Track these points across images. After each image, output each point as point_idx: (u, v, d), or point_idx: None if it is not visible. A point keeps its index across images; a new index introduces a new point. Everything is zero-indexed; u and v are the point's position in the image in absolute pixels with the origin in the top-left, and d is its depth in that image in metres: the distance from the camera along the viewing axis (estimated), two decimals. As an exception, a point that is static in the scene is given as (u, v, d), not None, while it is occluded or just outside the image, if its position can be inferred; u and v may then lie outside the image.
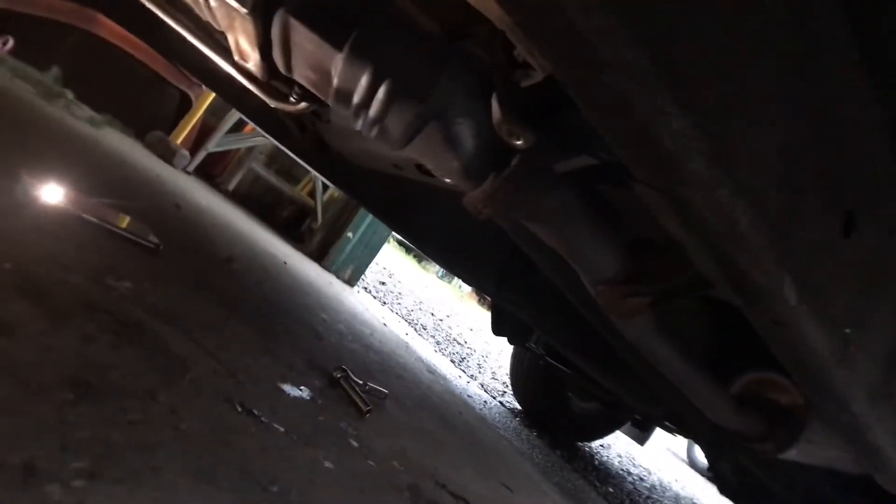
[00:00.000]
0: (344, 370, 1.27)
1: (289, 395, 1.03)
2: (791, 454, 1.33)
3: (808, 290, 0.68)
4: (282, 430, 0.86)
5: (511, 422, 3.00)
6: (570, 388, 3.48)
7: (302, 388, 1.09)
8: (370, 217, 3.63)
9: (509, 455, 2.05)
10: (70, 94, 2.57)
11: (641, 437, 4.40)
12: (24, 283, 0.75)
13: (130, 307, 0.90)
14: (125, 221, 1.30)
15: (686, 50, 0.46)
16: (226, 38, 0.88)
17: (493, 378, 4.02)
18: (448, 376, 2.84)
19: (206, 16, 0.84)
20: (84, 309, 0.79)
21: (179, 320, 0.98)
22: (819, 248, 0.66)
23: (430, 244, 2.02)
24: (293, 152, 2.92)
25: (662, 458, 6.66)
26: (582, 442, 3.73)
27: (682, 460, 8.14)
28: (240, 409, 0.83)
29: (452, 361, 3.53)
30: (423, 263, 13.20)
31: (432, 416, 1.70)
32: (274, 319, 1.48)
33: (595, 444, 4.00)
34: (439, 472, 1.20)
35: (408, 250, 13.06)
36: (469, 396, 2.77)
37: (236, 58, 0.90)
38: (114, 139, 2.62)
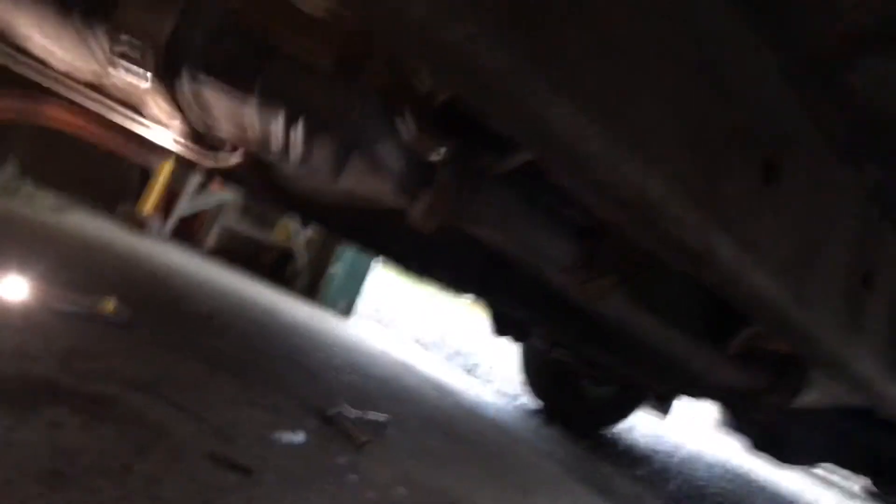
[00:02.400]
0: (338, 405, 1.27)
1: (280, 441, 1.03)
2: (803, 400, 1.34)
3: (745, 244, 0.69)
4: (272, 478, 0.86)
5: (529, 422, 2.99)
6: (582, 376, 3.48)
7: (295, 432, 1.09)
8: (351, 248, 3.64)
9: (528, 456, 2.05)
10: (29, 186, 2.58)
11: (662, 410, 4.39)
12: (-13, 383, 0.75)
13: (102, 385, 0.91)
14: (94, 302, 1.31)
15: (557, 42, 0.47)
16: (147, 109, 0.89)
17: (506, 381, 4.01)
18: (458, 389, 2.84)
19: (119, 93, 0.86)
20: (52, 396, 0.79)
21: (157, 387, 0.99)
22: (744, 200, 0.67)
23: (408, 261, 2.03)
24: (259, 199, 2.93)
25: (691, 427, 6.64)
26: (604, 429, 3.71)
27: (713, 425, 8.11)
28: (226, 466, 0.83)
29: (462, 372, 3.53)
30: (416, 280, 13.16)
31: (439, 433, 1.70)
32: (264, 368, 1.48)
33: (618, 428, 3.99)
34: (448, 489, 1.20)
35: (389, 264, 13.00)
36: (482, 405, 2.77)
37: (161, 124, 0.91)
38: (81, 220, 2.62)
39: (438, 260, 1.91)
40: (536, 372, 3.48)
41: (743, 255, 0.70)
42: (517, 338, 2.91)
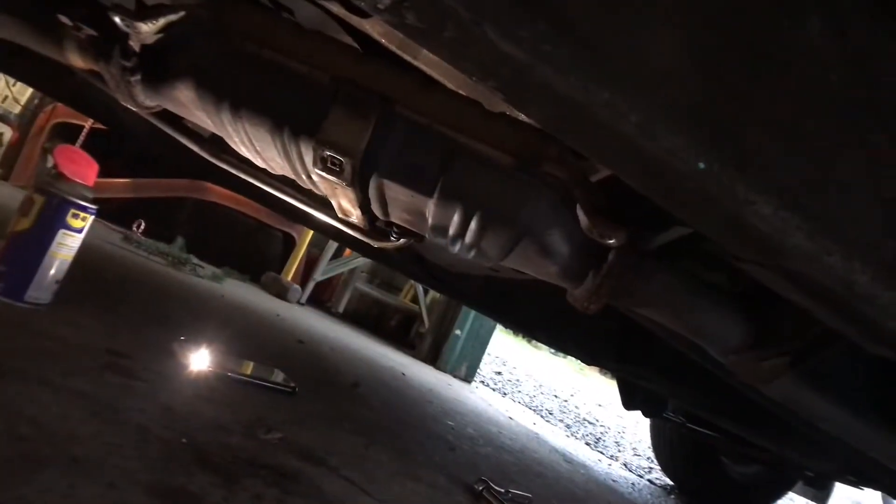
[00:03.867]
0: (484, 481, 1.27)
1: (439, 517, 1.05)
2: None
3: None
4: (440, 557, 0.88)
5: (665, 501, 2.79)
6: (723, 453, 3.20)
7: (450, 507, 1.10)
8: (475, 312, 3.68)
9: (672, 541, 1.90)
10: (194, 258, 2.90)
11: (821, 496, 3.91)
12: (198, 452, 0.84)
13: (285, 456, 0.98)
14: (263, 371, 1.43)
15: (756, 145, 0.48)
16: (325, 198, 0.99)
17: (635, 455, 3.79)
18: (587, 462, 2.72)
19: (308, 185, 0.96)
20: (249, 467, 0.87)
21: (327, 459, 1.05)
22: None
23: (537, 329, 2.01)
24: (394, 268, 3.07)
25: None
26: (750, 511, 3.37)
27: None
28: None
29: (588, 444, 3.39)
30: (533, 343, 12.96)
31: (581, 512, 1.63)
32: (408, 438, 1.52)
33: (766, 511, 3.59)
34: (603, 576, 1.14)
35: (516, 332, 12.91)
36: (614, 480, 2.63)
37: (339, 214, 1.01)
38: (234, 289, 2.89)
39: (571, 328, 1.89)
40: (670, 448, 3.25)
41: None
42: (649, 413, 2.76)
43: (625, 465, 3.28)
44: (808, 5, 0.49)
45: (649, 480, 3.12)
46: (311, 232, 3.51)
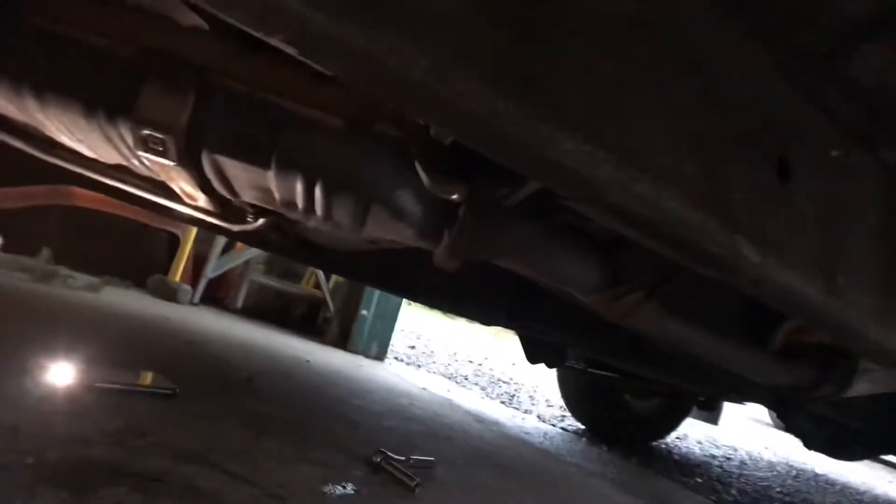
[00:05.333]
0: (382, 452, 1.27)
1: (332, 495, 1.03)
2: (857, 389, 1.30)
3: (766, 243, 0.69)
4: (330, 533, 0.87)
5: (577, 445, 2.94)
6: (625, 392, 3.42)
7: (344, 484, 1.09)
8: (379, 290, 3.66)
9: (580, 480, 2.01)
10: (63, 270, 2.67)
11: (712, 416, 4.29)
12: (47, 471, 0.78)
13: (156, 460, 0.93)
14: (138, 377, 1.34)
15: (547, 84, 0.49)
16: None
17: (548, 406, 3.96)
18: (501, 420, 2.81)
19: (145, 171, 0.90)
20: (109, 477, 0.81)
21: (207, 456, 1.00)
22: (760, 201, 0.68)
23: (435, 298, 2.03)
24: (282, 255, 2.98)
25: (746, 429, 6.44)
26: (655, 441, 3.63)
27: (768, 424, 7.86)
28: (283, 527, 0.84)
29: (503, 402, 3.49)
30: (447, 314, 13.14)
31: (488, 467, 1.68)
32: (306, 423, 1.49)
33: (669, 438, 3.89)
34: (504, 523, 1.18)
35: (416, 302, 12.99)
36: (527, 433, 2.73)
37: (186, 200, 0.95)
38: (115, 297, 2.70)
39: (465, 293, 1.92)
40: (576, 393, 3.43)
41: (766, 256, 0.70)
42: (552, 363, 2.88)
43: (538, 417, 3.41)
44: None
45: (562, 428, 3.27)
46: (196, 228, 3.32)
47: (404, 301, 3.99)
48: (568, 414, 3.62)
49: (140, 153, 0.74)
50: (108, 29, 0.70)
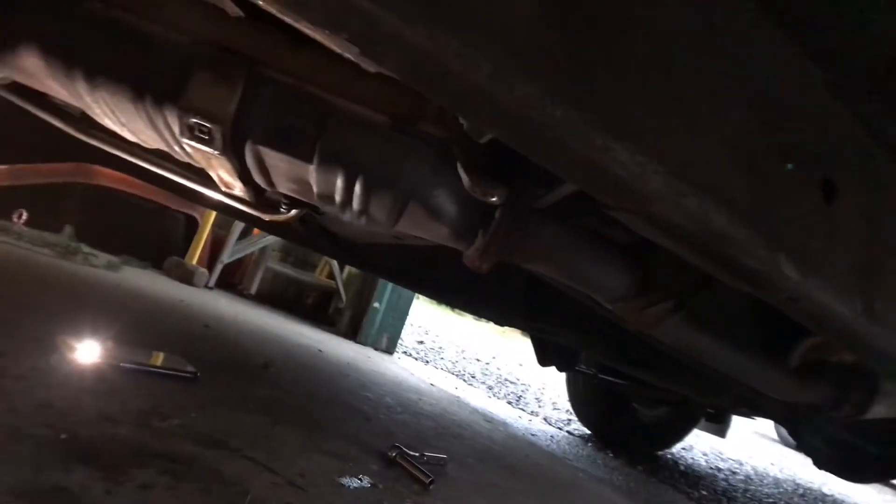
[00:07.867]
0: (397, 447, 1.28)
1: (349, 487, 1.04)
2: (875, 411, 1.28)
3: (807, 263, 0.68)
4: (348, 525, 0.88)
5: (583, 449, 2.94)
6: (633, 399, 3.41)
7: (361, 477, 1.10)
8: (391, 283, 3.67)
9: (586, 485, 2.01)
10: (85, 247, 2.70)
11: (720, 429, 4.25)
12: (80, 448, 0.79)
13: (180, 443, 0.94)
14: (160, 358, 1.36)
15: (605, 94, 0.49)
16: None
17: (554, 409, 3.95)
18: (508, 420, 2.81)
19: (185, 158, 0.91)
20: (137, 458, 0.82)
21: (227, 442, 1.01)
22: (804, 220, 0.67)
23: (450, 295, 2.03)
24: (302, 244, 3.00)
25: (752, 443, 6.40)
26: (661, 450, 3.62)
27: (774, 440, 7.80)
28: (304, 516, 0.85)
29: (509, 403, 3.50)
30: (456, 310, 13.15)
31: (498, 467, 1.69)
32: (320, 413, 1.50)
33: (675, 448, 3.88)
34: (516, 524, 1.19)
35: (431, 300, 13.03)
36: (534, 435, 2.73)
37: (222, 188, 0.96)
38: (133, 277, 2.73)
39: (482, 292, 1.92)
40: (584, 398, 3.43)
41: (806, 275, 0.69)
42: (562, 367, 2.87)
43: (545, 419, 3.41)
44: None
45: (568, 432, 3.27)
46: (215, 212, 3.35)
47: (416, 296, 4.00)
48: (574, 418, 3.62)
49: (184, 140, 0.74)
50: (161, 17, 0.71)
